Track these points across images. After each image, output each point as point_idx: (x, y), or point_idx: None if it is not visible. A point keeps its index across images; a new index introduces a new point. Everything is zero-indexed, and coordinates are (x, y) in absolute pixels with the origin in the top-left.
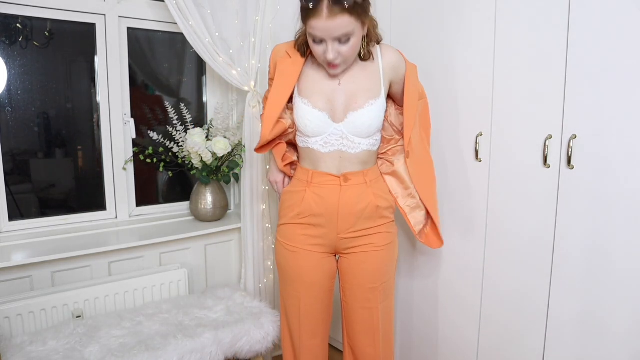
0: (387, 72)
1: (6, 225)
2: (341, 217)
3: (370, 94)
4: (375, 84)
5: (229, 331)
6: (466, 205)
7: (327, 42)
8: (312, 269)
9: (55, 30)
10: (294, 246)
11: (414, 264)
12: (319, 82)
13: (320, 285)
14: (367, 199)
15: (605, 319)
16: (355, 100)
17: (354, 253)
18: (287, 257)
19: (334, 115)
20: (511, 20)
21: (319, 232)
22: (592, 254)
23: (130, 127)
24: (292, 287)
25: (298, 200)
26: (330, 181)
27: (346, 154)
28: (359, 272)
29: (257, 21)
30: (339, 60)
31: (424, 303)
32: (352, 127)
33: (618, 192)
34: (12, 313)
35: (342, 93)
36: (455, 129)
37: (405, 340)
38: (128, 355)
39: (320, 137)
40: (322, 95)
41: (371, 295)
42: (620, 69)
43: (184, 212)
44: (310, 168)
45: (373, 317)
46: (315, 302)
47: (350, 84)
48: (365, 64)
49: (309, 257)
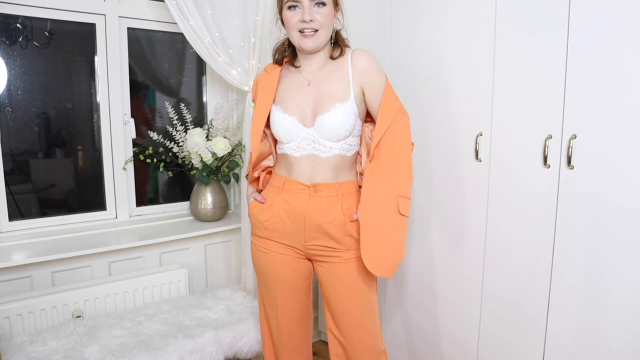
0: (356, 77)
1: (6, 225)
2: (307, 226)
3: (337, 98)
4: (343, 87)
5: (229, 331)
6: (466, 205)
7: (302, 6)
8: (286, 270)
9: (55, 30)
10: (267, 249)
11: (408, 267)
12: (290, 89)
13: (296, 286)
14: (335, 212)
15: (605, 322)
16: (323, 103)
17: (326, 263)
18: (262, 259)
19: (304, 119)
20: (511, 20)
21: (287, 238)
22: (592, 254)
23: (130, 127)
24: (269, 287)
25: (267, 205)
26: (301, 190)
27: (318, 158)
28: (334, 282)
29: (257, 21)
30: (314, 24)
31: (419, 306)
32: (321, 130)
33: (618, 192)
34: (12, 313)
35: (311, 97)
36: (455, 129)
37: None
38: (128, 355)
39: (293, 142)
40: (293, 101)
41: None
42: (620, 69)
43: (184, 212)
44: (284, 175)
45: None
46: (291, 302)
47: (319, 87)
48: (335, 67)
49: (282, 259)
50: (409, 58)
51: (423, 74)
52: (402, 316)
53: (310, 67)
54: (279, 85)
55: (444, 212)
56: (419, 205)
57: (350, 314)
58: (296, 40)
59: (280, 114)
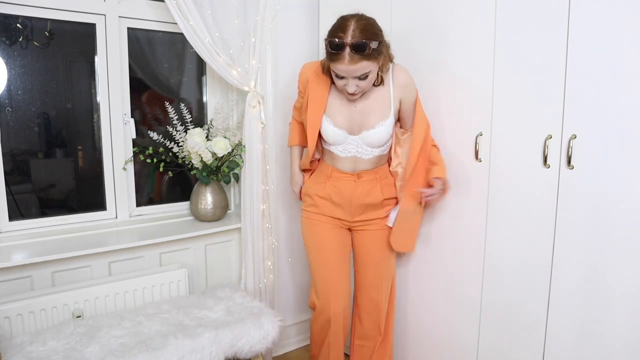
0: (397, 93)
1: (6, 225)
2: (354, 205)
3: (381, 116)
4: (385, 106)
5: (229, 331)
6: (466, 205)
7: (347, 79)
8: (333, 235)
9: (55, 30)
10: (317, 220)
11: (408, 267)
12: (339, 105)
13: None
14: (376, 193)
15: (605, 322)
16: (369, 121)
17: (366, 231)
18: (311, 229)
19: (351, 131)
20: (511, 20)
21: (336, 213)
22: (592, 254)
23: (130, 127)
24: (317, 251)
25: (321, 187)
26: (347, 177)
27: (360, 159)
28: (367, 244)
29: (257, 21)
30: (357, 92)
31: (420, 306)
32: (366, 141)
33: (618, 192)
34: (12, 313)
35: (358, 115)
36: (455, 129)
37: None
38: (128, 355)
39: (340, 145)
40: (342, 116)
41: (377, 265)
42: (620, 69)
43: (184, 212)
44: (330, 165)
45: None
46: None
47: (364, 107)
48: (378, 88)
49: (327, 227)
50: (409, 59)
51: (423, 74)
52: (403, 316)
53: None
54: (329, 95)
55: (444, 211)
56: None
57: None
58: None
59: (330, 126)
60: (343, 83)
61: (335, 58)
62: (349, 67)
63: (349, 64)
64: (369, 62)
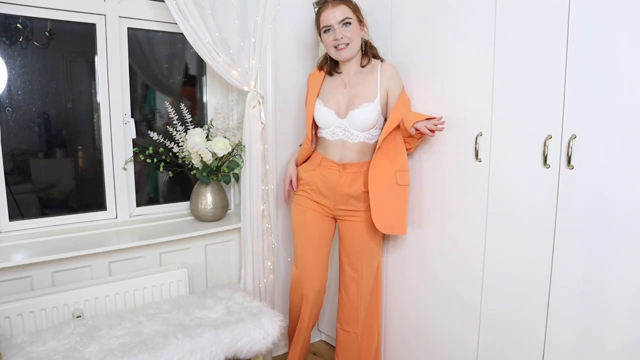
0: (383, 82)
1: (6, 225)
2: (337, 194)
3: (366, 98)
4: (372, 91)
5: (229, 331)
6: (466, 205)
7: (334, 29)
8: (315, 223)
9: (55, 30)
10: (304, 206)
11: (408, 266)
12: (330, 88)
13: (320, 235)
14: (358, 184)
15: (605, 322)
16: (354, 101)
17: (347, 221)
18: (299, 213)
19: (339, 112)
20: (511, 20)
21: (321, 199)
22: (592, 254)
23: (130, 127)
24: (301, 235)
25: (310, 174)
26: (333, 167)
27: (347, 143)
28: (351, 234)
29: (257, 21)
30: (345, 39)
31: (419, 306)
32: (351, 121)
33: (618, 192)
34: (12, 313)
35: (346, 96)
36: (455, 129)
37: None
38: (128, 355)
39: (329, 128)
40: (332, 97)
41: (357, 252)
42: (620, 68)
43: (184, 212)
44: (321, 154)
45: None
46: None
47: (352, 89)
48: (367, 74)
49: (314, 214)
50: (408, 57)
51: (423, 74)
52: (403, 315)
53: (347, 72)
54: (322, 84)
55: (444, 211)
56: (419, 204)
57: (356, 251)
58: (334, 54)
59: (321, 106)
60: (331, 37)
61: (322, 10)
62: (332, 11)
63: (332, 8)
64: (348, 8)
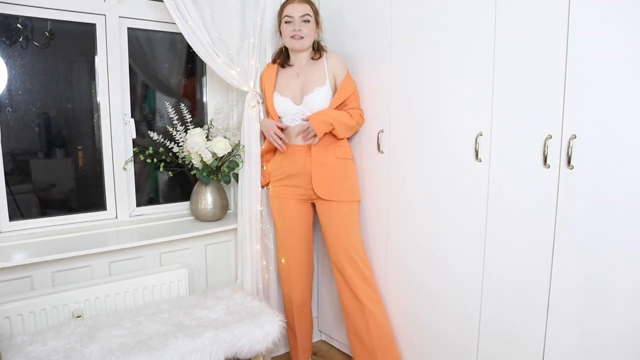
0: (330, 68)
1: (6, 225)
2: (307, 171)
3: (317, 83)
4: (321, 76)
5: (229, 331)
6: (466, 205)
7: (295, 21)
8: (294, 211)
9: (55, 31)
10: (280, 197)
11: (408, 266)
12: (284, 79)
13: (299, 222)
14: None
15: (605, 323)
16: (307, 87)
17: (323, 204)
18: (277, 204)
19: (295, 99)
20: (511, 20)
21: (295, 181)
22: (592, 253)
23: (130, 127)
24: (282, 226)
25: (277, 167)
26: (301, 150)
27: None
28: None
29: (256, 21)
30: (302, 32)
31: (419, 305)
32: (307, 106)
33: (618, 192)
34: (12, 313)
35: (299, 84)
36: (455, 129)
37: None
38: (128, 355)
39: (288, 115)
40: (286, 87)
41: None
42: (621, 68)
43: (184, 212)
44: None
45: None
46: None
47: (304, 77)
48: (316, 64)
49: (291, 203)
50: (408, 58)
51: (423, 73)
52: (402, 316)
53: (298, 62)
54: (277, 78)
55: (444, 211)
56: (419, 204)
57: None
58: (289, 43)
59: (278, 96)
60: (290, 28)
61: (288, 2)
62: (296, 6)
63: (297, 3)
64: (310, 7)
